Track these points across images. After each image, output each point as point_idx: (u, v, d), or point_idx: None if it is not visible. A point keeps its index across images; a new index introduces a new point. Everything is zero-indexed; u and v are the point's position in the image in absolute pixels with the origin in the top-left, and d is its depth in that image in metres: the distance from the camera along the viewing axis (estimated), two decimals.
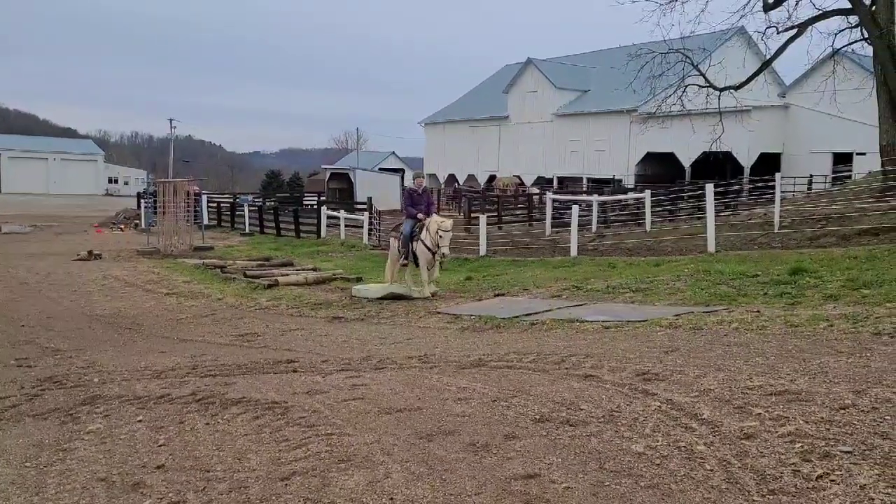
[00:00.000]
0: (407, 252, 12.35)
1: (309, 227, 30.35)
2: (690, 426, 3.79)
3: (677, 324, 7.23)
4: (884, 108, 17.36)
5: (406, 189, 12.97)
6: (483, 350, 6.97)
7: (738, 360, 5.05)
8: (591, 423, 4.04)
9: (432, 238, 11.97)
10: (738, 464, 3.26)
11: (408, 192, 12.86)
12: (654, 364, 5.21)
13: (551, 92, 48.54)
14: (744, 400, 4.06)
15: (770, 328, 6.22)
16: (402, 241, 12.44)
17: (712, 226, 14.79)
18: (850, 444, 3.29)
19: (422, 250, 12.08)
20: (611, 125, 44.04)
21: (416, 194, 12.78)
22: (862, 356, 4.72)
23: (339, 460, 3.82)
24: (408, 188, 12.92)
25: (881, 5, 17.05)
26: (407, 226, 12.58)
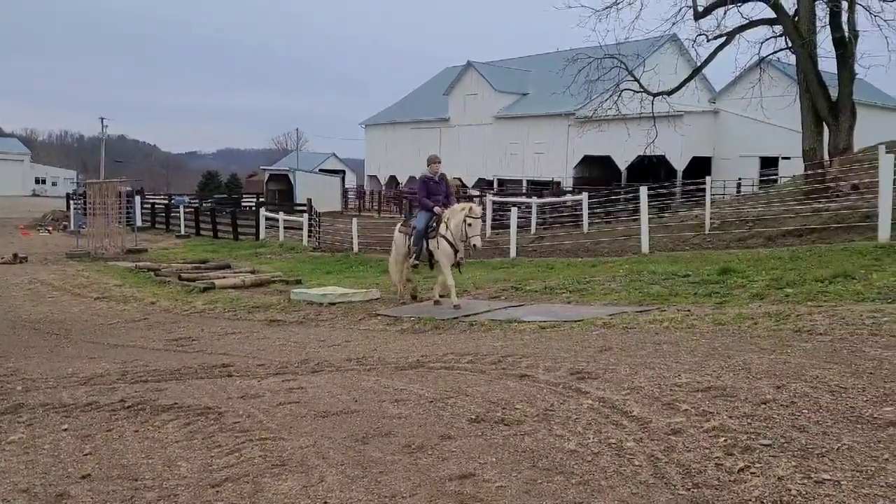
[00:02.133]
0: (419, 251, 10.72)
1: (247, 228, 29.88)
2: (621, 423, 3.88)
3: (611, 323, 7.39)
4: (806, 115, 18.10)
5: (421, 177, 11.05)
6: (422, 351, 6.99)
7: (667, 357, 5.19)
8: (526, 422, 4.09)
9: (455, 231, 10.19)
10: (665, 459, 3.36)
11: (423, 180, 11.04)
12: (587, 363, 5.31)
13: (491, 95, 48.96)
14: (672, 396, 4.18)
15: (699, 326, 6.42)
16: (413, 238, 10.81)
17: (646, 227, 15.18)
18: (770, 438, 3.42)
19: (443, 249, 10.33)
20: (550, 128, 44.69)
21: (433, 182, 10.88)
22: (783, 353, 4.91)
23: (272, 465, 3.77)
24: (422, 176, 11.05)
25: (803, 16, 17.78)
26: (421, 220, 10.80)
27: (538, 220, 25.42)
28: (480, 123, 49.45)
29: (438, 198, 10.73)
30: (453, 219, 10.31)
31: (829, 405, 3.76)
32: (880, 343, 4.84)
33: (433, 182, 10.89)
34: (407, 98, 61.57)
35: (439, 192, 10.86)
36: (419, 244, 10.69)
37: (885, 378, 4.06)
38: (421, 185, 11.05)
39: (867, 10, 17.96)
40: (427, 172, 10.97)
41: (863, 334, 5.13)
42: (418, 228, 10.73)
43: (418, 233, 10.69)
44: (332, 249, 24.42)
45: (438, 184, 10.92)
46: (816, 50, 18.05)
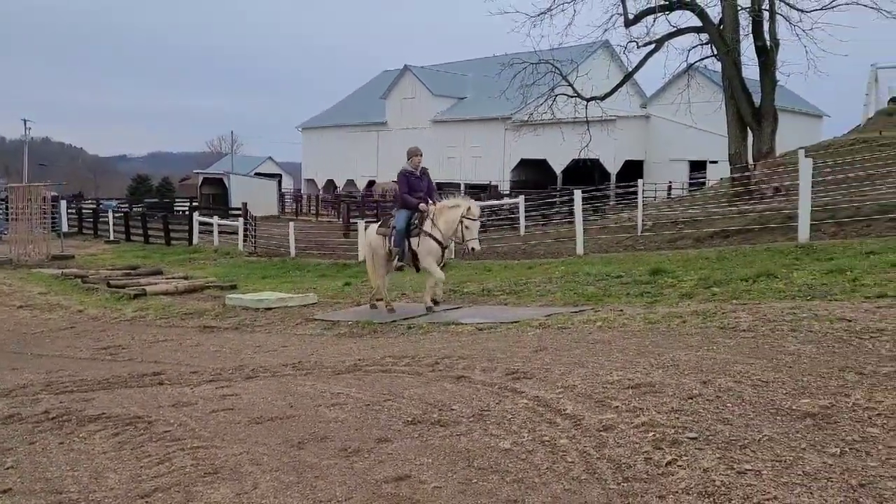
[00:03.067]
0: (402, 252, 9.82)
1: (180, 233, 29.17)
2: (555, 421, 3.95)
3: (547, 324, 7.50)
4: (731, 120, 18.78)
5: (402, 172, 10.04)
6: (359, 355, 6.96)
7: (600, 356, 5.30)
8: (462, 422, 4.13)
9: (445, 229, 9.47)
10: (597, 454, 3.43)
11: (404, 175, 10.00)
12: (523, 363, 5.38)
13: (429, 98, 49.13)
14: (604, 394, 4.28)
15: (630, 326, 6.58)
16: (394, 239, 9.88)
17: (581, 230, 15.48)
18: (696, 431, 3.53)
19: (428, 247, 9.56)
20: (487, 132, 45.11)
21: (415, 177, 10.01)
22: (709, 349, 5.08)
23: (204, 474, 3.70)
24: (404, 170, 10.01)
25: (728, 25, 18.44)
26: (400, 218, 9.93)
27: None
28: (418, 127, 49.52)
29: (420, 194, 9.88)
30: (442, 216, 9.56)
31: (751, 399, 3.91)
32: (799, 338, 5.06)
33: (415, 177, 10.01)
34: (344, 101, 61.21)
35: (421, 187, 9.98)
36: (401, 245, 9.81)
37: (802, 371, 4.25)
38: (402, 181, 10.04)
39: (787, 20, 18.76)
40: (407, 166, 10.05)
41: (783, 330, 5.35)
42: (398, 228, 9.83)
43: (399, 232, 9.79)
44: (269, 254, 24.04)
45: (420, 179, 10.04)
46: (740, 58, 18.76)
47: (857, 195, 13.96)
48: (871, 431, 3.31)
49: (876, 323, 5.18)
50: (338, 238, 26.85)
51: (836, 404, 3.65)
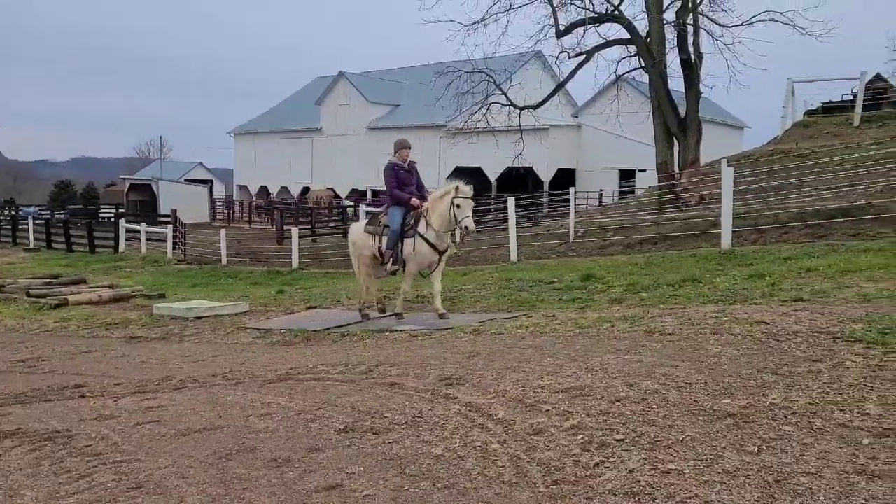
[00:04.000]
0: (395, 255, 9.00)
1: (106, 241, 28.22)
2: (486, 426, 3.98)
3: (480, 330, 7.56)
4: (658, 130, 19.37)
5: (389, 165, 9.22)
6: (291, 364, 6.86)
7: (532, 361, 5.37)
8: (395, 429, 4.12)
9: (440, 223, 8.62)
10: (527, 458, 3.48)
11: (392, 168, 9.17)
12: (456, 369, 5.41)
13: (363, 105, 48.92)
14: (535, 398, 4.34)
15: (562, 331, 6.69)
16: (388, 240, 9.01)
17: (514, 236, 15.66)
18: (623, 433, 3.62)
19: (419, 251, 8.82)
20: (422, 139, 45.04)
21: (403, 171, 9.20)
22: (636, 353, 5.21)
23: (127, 489, 3.58)
24: (391, 164, 9.20)
25: (654, 38, 19.03)
26: (394, 216, 8.99)
27: None
28: (353, 134, 49.25)
29: (411, 188, 9.12)
30: (435, 211, 8.70)
31: (675, 400, 4.03)
32: (721, 341, 5.24)
33: (403, 171, 9.19)
34: (278, 107, 60.34)
35: (410, 182, 9.20)
36: (395, 247, 8.97)
37: (723, 373, 4.41)
38: (390, 174, 9.18)
39: (710, 35, 19.50)
40: (395, 160, 9.27)
41: (706, 333, 5.54)
42: (393, 228, 8.97)
43: (394, 233, 8.95)
44: (200, 262, 23.49)
45: (409, 173, 9.24)
46: (666, 70, 19.39)
47: (776, 203, 14.56)
48: (786, 429, 3.45)
49: (791, 325, 5.41)
50: (271, 245, 26.43)
51: (755, 404, 3.80)
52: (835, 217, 12.25)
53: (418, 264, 8.96)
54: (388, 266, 9.19)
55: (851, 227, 11.81)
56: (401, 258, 8.97)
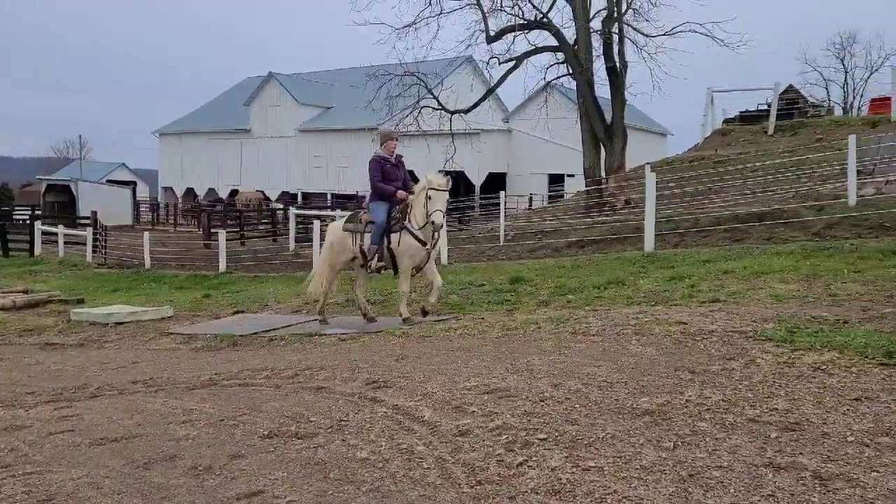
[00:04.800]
0: (380, 252, 8.42)
1: (20, 244, 26.95)
2: (412, 428, 3.99)
3: (409, 333, 7.56)
4: (586, 136, 19.79)
5: (375, 158, 8.63)
6: (216, 369, 6.71)
7: (459, 363, 5.41)
8: (320, 434, 4.08)
9: (421, 218, 8.13)
10: (452, 459, 3.50)
11: (377, 161, 8.58)
12: (384, 372, 5.40)
13: (294, 107, 48.27)
14: (461, 400, 4.37)
15: (489, 333, 6.76)
16: (372, 235, 8.42)
17: (445, 240, 15.71)
18: (546, 432, 3.69)
19: (407, 244, 8.26)
20: (353, 142, 44.89)
21: (390, 165, 8.63)
22: (561, 353, 5.31)
23: (38, 501, 3.43)
24: (377, 156, 8.63)
25: (582, 46, 19.45)
26: (379, 210, 8.43)
27: None
28: (283, 136, 48.54)
29: (397, 183, 8.55)
30: (417, 204, 8.27)
31: (597, 399, 4.13)
32: (642, 341, 5.40)
33: (389, 164, 8.61)
34: (205, 107, 58.93)
35: (397, 176, 8.60)
36: (379, 242, 8.40)
37: (643, 372, 4.54)
38: (374, 167, 8.56)
39: (635, 44, 20.06)
40: (381, 152, 8.70)
41: (628, 334, 5.69)
42: (378, 222, 8.40)
43: (378, 227, 8.37)
44: (121, 265, 22.73)
45: (396, 167, 8.67)
46: (593, 77, 19.82)
47: (697, 208, 15.09)
48: (700, 426, 3.58)
49: (708, 325, 5.62)
50: (198, 249, 25.78)
51: (672, 402, 3.92)
52: (751, 221, 12.76)
53: (411, 258, 8.32)
54: (373, 263, 8.57)
55: (766, 230, 12.34)
56: (386, 256, 8.43)
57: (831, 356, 4.36)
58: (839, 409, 3.56)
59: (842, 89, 58.94)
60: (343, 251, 8.93)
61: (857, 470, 2.90)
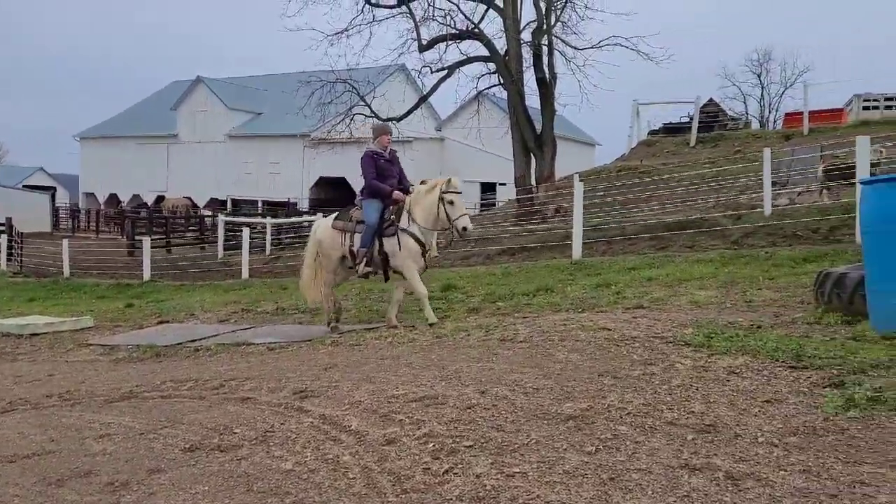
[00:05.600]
0: (370, 255, 7.90)
1: None
2: (339, 438, 3.96)
3: (339, 341, 7.50)
4: (517, 145, 20.11)
5: (367, 153, 8.10)
6: (137, 381, 6.51)
7: (388, 371, 5.40)
8: (244, 446, 4.00)
9: (426, 219, 7.72)
10: (379, 469, 3.49)
11: (370, 156, 8.05)
12: (312, 381, 5.34)
13: (223, 112, 47.34)
14: (389, 408, 4.36)
15: (419, 340, 6.76)
16: (362, 237, 7.90)
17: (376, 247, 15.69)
18: (472, 439, 3.71)
19: (408, 246, 7.77)
20: (285, 148, 44.33)
21: (384, 160, 8.10)
22: (489, 360, 5.36)
23: None
24: (370, 151, 8.10)
25: (512, 56, 19.77)
26: (371, 210, 7.91)
27: (274, 241, 25.07)
28: (212, 141, 47.51)
29: (392, 181, 8.05)
30: (419, 204, 7.80)
31: (523, 405, 4.18)
32: (568, 347, 5.50)
33: (383, 159, 8.09)
34: (130, 111, 57.15)
35: (392, 173, 8.11)
36: (369, 244, 7.89)
37: (568, 378, 4.63)
38: (367, 163, 8.02)
39: (564, 56, 20.52)
40: (374, 146, 8.17)
41: (555, 340, 5.79)
42: (370, 222, 7.86)
43: (370, 228, 7.85)
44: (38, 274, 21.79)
45: (391, 163, 8.15)
46: (524, 88, 20.18)
47: (624, 216, 15.50)
48: (621, 429, 3.67)
49: (631, 331, 5.77)
50: (121, 257, 24.94)
51: (594, 406, 4.01)
52: (674, 230, 13.19)
53: (414, 258, 7.81)
54: (361, 267, 7.99)
55: (688, 239, 12.77)
56: (377, 259, 7.93)
57: (745, 360, 4.54)
58: (751, 411, 3.70)
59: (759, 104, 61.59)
60: (333, 249, 8.28)
61: (766, 469, 3.02)
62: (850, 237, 10.23)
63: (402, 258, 7.80)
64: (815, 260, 8.94)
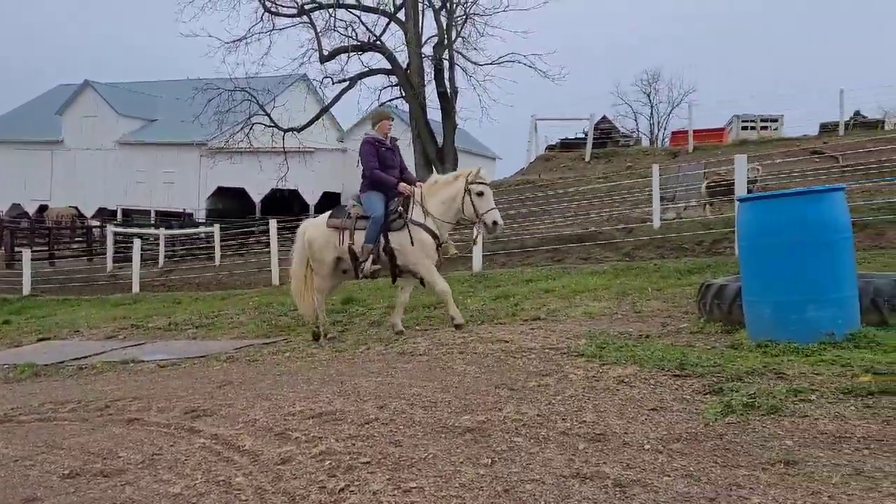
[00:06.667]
0: (377, 251, 7.16)
1: None
2: (232, 459, 3.84)
3: (235, 357, 7.31)
4: (418, 157, 20.26)
5: (368, 140, 7.48)
6: (13, 403, 6.11)
7: (285, 387, 5.29)
8: (129, 470, 3.82)
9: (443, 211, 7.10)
10: (272, 489, 3.41)
11: (370, 143, 7.42)
12: (204, 400, 5.17)
13: (114, 118, 45.23)
14: (285, 426, 4.27)
15: (318, 355, 6.68)
16: (368, 232, 7.16)
17: (276, 260, 15.39)
18: (370, 456, 3.69)
19: (421, 240, 7.09)
20: (180, 157, 42.80)
21: (385, 149, 7.45)
22: (388, 374, 5.35)
23: None
24: (370, 138, 7.47)
25: (414, 70, 19.93)
26: (376, 203, 7.25)
27: (168, 253, 24.14)
28: (101, 148, 45.29)
29: (394, 172, 7.43)
30: (435, 196, 7.18)
31: (421, 419, 4.19)
32: (466, 360, 5.56)
33: (385, 147, 7.44)
34: (10, 115, 53.64)
35: (394, 163, 7.46)
36: (375, 240, 7.15)
37: (466, 390, 4.68)
38: (368, 151, 7.37)
39: (464, 71, 20.84)
40: (375, 134, 7.53)
41: (454, 353, 5.84)
42: (375, 215, 7.16)
43: (376, 221, 7.13)
44: None
45: (392, 152, 7.50)
46: (425, 101, 20.36)
47: (523, 229, 15.85)
48: (516, 441, 3.74)
49: (528, 343, 5.89)
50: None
51: (491, 419, 4.07)
52: (570, 242, 13.60)
53: (429, 257, 7.13)
54: (367, 265, 7.19)
55: (584, 251, 13.19)
56: (384, 256, 7.22)
57: (633, 370, 4.72)
58: (638, 419, 3.86)
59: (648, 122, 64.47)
60: (327, 250, 7.49)
61: (651, 476, 3.15)
62: (731, 250, 10.85)
63: (416, 254, 7.10)
64: (699, 271, 9.42)
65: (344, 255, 7.43)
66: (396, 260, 7.19)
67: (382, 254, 7.20)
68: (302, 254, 7.84)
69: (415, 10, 19.70)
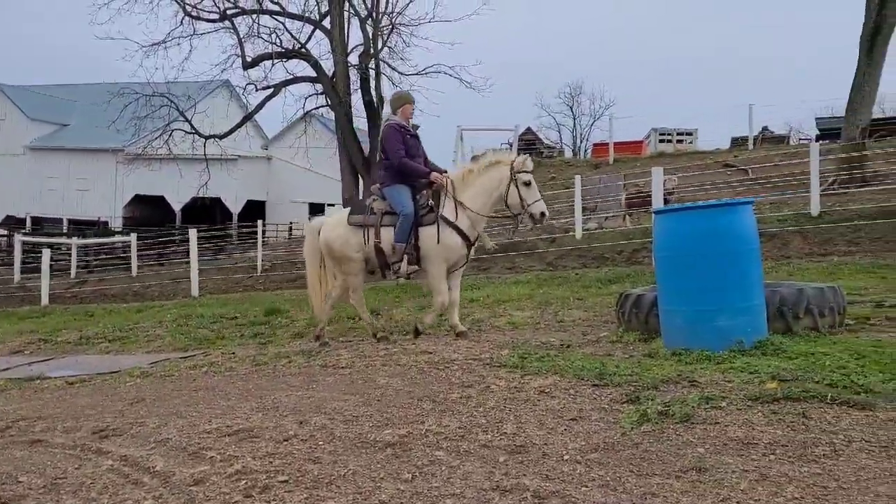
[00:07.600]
0: (410, 251, 6.53)
1: None
2: (141, 481, 3.68)
3: (150, 372, 7.04)
4: (345, 166, 20.09)
5: (391, 125, 6.78)
6: None
7: (201, 404, 5.12)
8: (29, 496, 3.61)
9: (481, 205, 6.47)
10: None
11: (395, 129, 6.70)
12: (114, 419, 4.95)
13: (23, 122, 43.23)
14: (199, 445, 4.13)
15: (238, 369, 6.50)
16: (399, 230, 6.49)
17: (196, 270, 14.97)
18: (287, 474, 3.59)
19: (452, 242, 6.48)
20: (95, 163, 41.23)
21: (409, 136, 6.77)
22: (309, 388, 5.25)
23: None
24: (393, 123, 6.78)
25: (340, 79, 19.77)
26: (403, 197, 6.59)
27: (81, 264, 23.17)
28: (10, 153, 43.17)
29: (419, 161, 6.75)
30: (472, 186, 6.50)
31: (342, 434, 4.12)
32: (389, 372, 5.51)
33: (409, 135, 6.77)
34: None
35: (418, 151, 6.79)
36: (407, 238, 6.49)
37: (388, 404, 4.63)
38: (394, 137, 6.65)
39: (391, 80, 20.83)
40: (398, 118, 6.85)
41: (376, 365, 5.78)
42: (404, 211, 6.49)
43: (406, 218, 6.47)
44: None
45: (416, 139, 6.83)
46: (351, 110, 20.23)
47: None
48: (437, 455, 3.72)
49: (451, 354, 5.89)
50: None
51: (413, 432, 4.04)
52: (496, 252, 13.71)
53: (447, 261, 6.53)
54: (403, 266, 6.58)
55: (508, 261, 13.34)
56: (414, 255, 6.56)
57: (554, 380, 4.78)
58: (558, 430, 3.89)
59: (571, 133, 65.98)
60: (348, 249, 6.82)
61: (570, 487, 3.18)
62: (650, 260, 11.16)
63: (435, 254, 6.49)
64: (619, 281, 9.66)
65: (370, 256, 6.81)
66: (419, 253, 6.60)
67: (414, 252, 6.59)
68: (316, 254, 7.28)
69: (340, 18, 19.55)
